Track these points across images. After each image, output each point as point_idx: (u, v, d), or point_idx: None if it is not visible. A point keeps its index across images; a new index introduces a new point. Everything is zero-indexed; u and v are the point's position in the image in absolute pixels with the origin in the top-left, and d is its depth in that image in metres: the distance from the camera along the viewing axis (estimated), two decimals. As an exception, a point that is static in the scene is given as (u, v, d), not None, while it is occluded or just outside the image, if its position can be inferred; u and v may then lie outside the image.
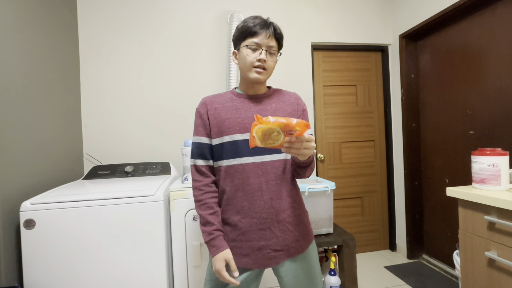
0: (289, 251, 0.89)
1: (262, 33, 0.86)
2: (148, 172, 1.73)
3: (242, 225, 0.87)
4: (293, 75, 2.23)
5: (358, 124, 2.41)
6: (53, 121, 1.58)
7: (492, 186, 1.09)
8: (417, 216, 2.26)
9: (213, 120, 0.91)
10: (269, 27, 0.87)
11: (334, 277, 1.53)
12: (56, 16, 1.66)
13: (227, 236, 0.90)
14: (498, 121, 1.64)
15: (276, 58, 0.91)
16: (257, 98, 0.94)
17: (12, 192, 1.23)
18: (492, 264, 1.04)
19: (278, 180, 0.88)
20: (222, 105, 0.92)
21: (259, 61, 0.87)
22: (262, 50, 0.87)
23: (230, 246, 0.88)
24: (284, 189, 0.90)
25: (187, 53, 2.06)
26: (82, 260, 1.19)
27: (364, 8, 2.37)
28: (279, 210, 0.88)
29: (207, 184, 0.92)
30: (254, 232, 0.86)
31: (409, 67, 2.25)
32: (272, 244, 0.87)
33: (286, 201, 0.89)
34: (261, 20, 0.88)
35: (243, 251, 0.87)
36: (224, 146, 0.88)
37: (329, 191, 1.53)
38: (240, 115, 0.90)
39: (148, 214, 1.24)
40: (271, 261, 0.88)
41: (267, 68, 0.88)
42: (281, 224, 0.88)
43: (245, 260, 0.87)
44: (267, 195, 0.86)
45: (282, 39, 0.92)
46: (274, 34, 0.88)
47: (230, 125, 0.88)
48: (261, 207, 0.86)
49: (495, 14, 1.64)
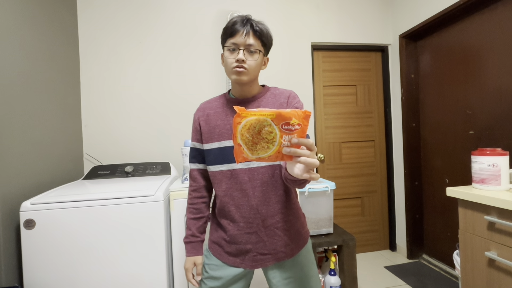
0: (277, 255, 0.89)
1: (239, 31, 0.81)
2: (148, 172, 1.73)
3: (230, 228, 0.88)
4: (293, 75, 2.23)
5: (358, 124, 2.41)
6: (53, 121, 1.58)
7: (492, 186, 1.09)
8: (417, 216, 2.26)
9: (204, 126, 0.92)
10: (246, 24, 0.82)
11: (334, 277, 1.53)
12: (56, 16, 1.66)
13: (221, 236, 0.91)
14: (498, 121, 1.64)
15: (257, 56, 0.84)
16: (245, 102, 0.91)
17: (12, 192, 1.23)
18: (492, 264, 1.04)
19: (266, 186, 0.87)
20: (214, 111, 0.92)
21: (237, 62, 0.82)
22: (239, 50, 0.82)
23: (222, 244, 0.91)
24: (273, 195, 0.88)
25: (187, 53, 2.06)
26: (82, 260, 1.19)
27: (364, 8, 2.37)
28: (266, 216, 0.87)
29: (196, 189, 0.97)
30: (241, 236, 0.87)
31: (409, 67, 2.25)
32: (258, 247, 0.87)
33: (274, 207, 0.88)
34: (239, 18, 0.83)
35: (232, 251, 0.89)
36: (214, 152, 0.89)
37: (329, 191, 1.53)
38: (229, 121, 0.89)
39: (148, 214, 1.23)
40: (258, 263, 0.88)
41: (248, 68, 0.83)
42: (268, 229, 0.87)
43: (233, 259, 0.89)
44: (254, 201, 0.86)
45: (264, 36, 0.85)
46: (253, 32, 0.82)
47: (220, 132, 0.88)
48: (248, 212, 0.86)
49: (495, 14, 1.64)
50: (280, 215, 0.89)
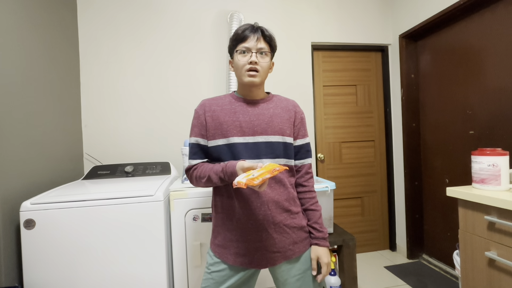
0: (286, 253, 0.89)
1: (251, 36, 0.88)
2: (148, 172, 1.73)
3: (239, 226, 0.88)
4: (293, 75, 2.23)
5: (358, 124, 2.41)
6: (53, 121, 1.58)
7: (492, 186, 1.09)
8: (417, 216, 2.26)
9: (211, 122, 0.91)
10: (256, 30, 0.89)
11: (334, 277, 1.53)
12: (56, 16, 1.66)
13: (226, 236, 0.90)
14: (498, 121, 1.64)
15: (268, 59, 0.92)
16: (255, 102, 0.94)
17: (12, 192, 1.23)
18: (492, 264, 1.04)
19: (274, 183, 0.89)
20: (221, 108, 0.93)
21: (251, 64, 0.88)
22: (252, 53, 0.88)
23: (228, 245, 0.90)
24: (282, 192, 0.90)
25: (187, 53, 2.06)
26: (82, 260, 1.19)
27: (364, 8, 2.37)
28: (276, 213, 0.88)
29: None
30: (251, 234, 0.87)
31: (409, 67, 2.25)
32: (268, 245, 0.88)
33: (283, 204, 0.90)
34: (249, 26, 0.90)
35: (240, 251, 0.88)
36: (222, 148, 0.89)
37: (329, 191, 1.53)
38: (238, 118, 0.90)
39: (148, 214, 1.24)
40: (267, 262, 0.88)
41: (260, 69, 0.89)
42: (278, 226, 0.88)
43: (241, 259, 0.88)
44: (264, 198, 0.87)
45: (272, 41, 0.93)
46: (263, 37, 0.90)
47: (228, 128, 0.89)
48: (258, 209, 0.87)
49: (494, 14, 1.64)
50: (288, 213, 0.91)
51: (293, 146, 0.96)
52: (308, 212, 0.96)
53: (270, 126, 0.91)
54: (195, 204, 1.32)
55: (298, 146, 0.96)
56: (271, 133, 0.90)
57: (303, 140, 0.97)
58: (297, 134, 0.96)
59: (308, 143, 0.99)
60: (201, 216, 1.33)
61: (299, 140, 0.97)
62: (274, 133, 0.90)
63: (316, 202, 0.97)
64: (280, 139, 0.91)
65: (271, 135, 0.90)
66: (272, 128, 0.91)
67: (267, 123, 0.91)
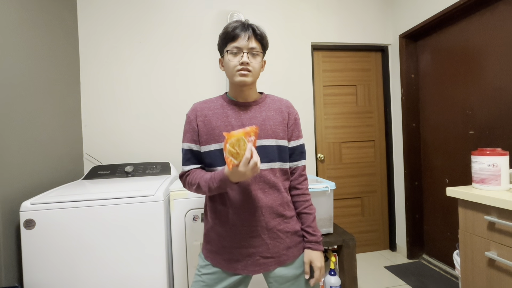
0: (280, 258, 0.88)
1: (241, 36, 0.85)
2: (148, 172, 1.73)
3: (232, 232, 0.87)
4: (293, 75, 2.23)
5: (358, 124, 2.41)
6: (53, 121, 1.58)
7: (492, 186, 1.09)
8: (417, 216, 2.26)
9: (203, 127, 0.90)
10: (247, 29, 0.85)
11: (334, 277, 1.53)
12: (56, 16, 1.66)
13: (219, 242, 0.89)
14: (498, 121, 1.64)
15: (260, 58, 0.89)
16: (247, 105, 0.92)
17: (12, 192, 1.23)
18: (492, 264, 1.04)
19: (268, 188, 0.88)
20: (213, 112, 0.91)
21: (242, 64, 0.85)
22: (243, 53, 0.85)
23: (221, 251, 0.88)
24: (276, 197, 0.89)
25: (186, 52, 2.06)
26: (82, 260, 1.19)
27: (364, 8, 2.37)
28: (270, 218, 0.87)
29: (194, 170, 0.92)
30: (244, 239, 0.86)
31: (409, 67, 2.25)
32: (262, 251, 0.87)
33: (277, 209, 0.88)
34: (239, 23, 0.86)
35: (234, 256, 0.87)
36: (214, 154, 0.88)
37: (329, 191, 1.53)
38: (230, 123, 0.89)
39: (148, 214, 1.24)
40: (260, 268, 0.87)
41: (252, 70, 0.86)
42: (271, 231, 0.87)
43: (235, 265, 0.87)
44: (257, 203, 0.86)
45: (264, 39, 0.89)
46: (254, 36, 0.86)
47: (220, 133, 0.87)
48: (251, 215, 0.86)
49: (495, 14, 1.64)
50: (282, 218, 0.89)
51: (288, 148, 0.94)
52: (301, 215, 0.94)
53: (262, 130, 0.88)
54: (195, 204, 1.32)
55: (292, 148, 0.94)
56: (264, 137, 0.88)
57: (297, 141, 0.95)
58: (290, 136, 0.94)
59: (303, 145, 0.97)
60: (201, 216, 1.33)
61: (293, 141, 0.94)
62: (267, 137, 0.89)
63: (310, 205, 0.95)
64: (273, 142, 0.89)
65: (264, 139, 0.88)
66: (265, 132, 0.89)
67: (260, 127, 0.89)
